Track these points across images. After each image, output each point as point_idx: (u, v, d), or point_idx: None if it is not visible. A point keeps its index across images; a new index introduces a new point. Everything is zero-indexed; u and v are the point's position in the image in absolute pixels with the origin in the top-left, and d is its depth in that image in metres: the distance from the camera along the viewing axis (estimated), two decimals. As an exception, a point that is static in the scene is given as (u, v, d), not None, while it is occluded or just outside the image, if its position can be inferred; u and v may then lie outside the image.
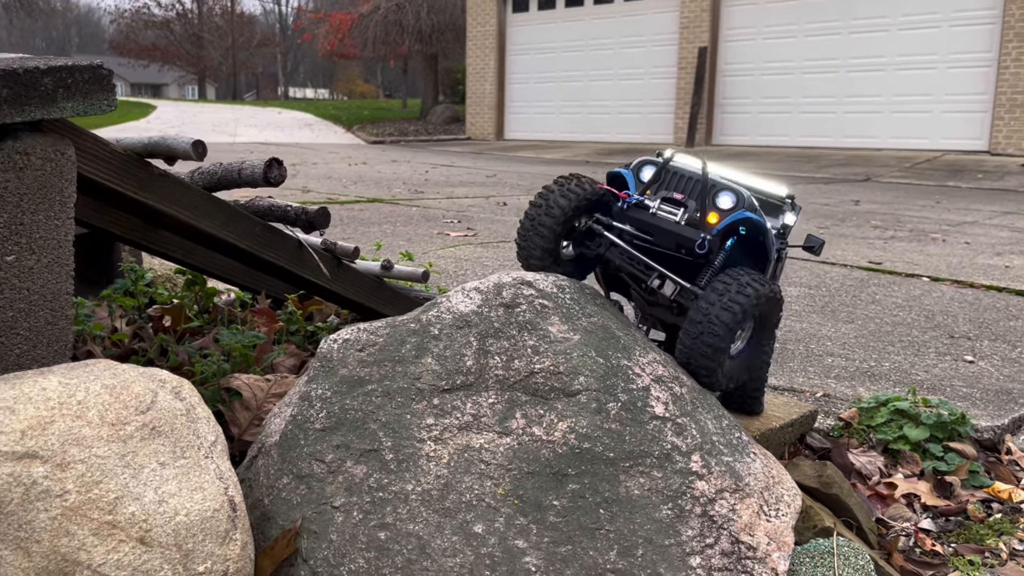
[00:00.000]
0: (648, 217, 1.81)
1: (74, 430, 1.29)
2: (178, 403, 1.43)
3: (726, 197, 1.80)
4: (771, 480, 1.67)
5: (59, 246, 1.63)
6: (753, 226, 1.80)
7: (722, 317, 1.68)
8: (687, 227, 1.78)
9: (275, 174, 1.93)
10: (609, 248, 1.87)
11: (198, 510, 1.32)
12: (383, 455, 1.57)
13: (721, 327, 1.69)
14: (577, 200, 1.84)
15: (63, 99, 1.57)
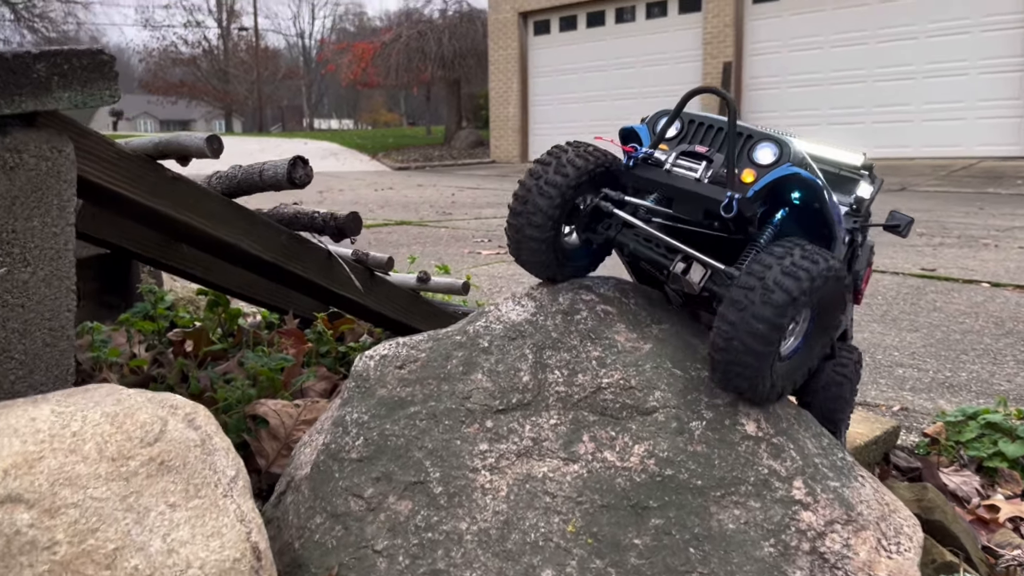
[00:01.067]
0: (661, 176, 1.41)
1: (67, 467, 1.08)
2: (192, 433, 1.21)
3: (766, 149, 1.41)
4: (886, 508, 1.42)
5: (58, 257, 1.44)
6: (806, 188, 1.41)
7: (764, 311, 1.27)
8: (710, 185, 1.38)
9: (300, 174, 1.72)
10: (621, 230, 1.50)
11: (215, 560, 1.10)
12: (431, 488, 1.35)
13: (764, 323, 1.28)
14: (577, 175, 1.45)
15: (59, 88, 1.38)
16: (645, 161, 1.42)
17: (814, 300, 1.35)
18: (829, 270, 1.31)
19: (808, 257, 1.31)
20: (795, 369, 1.44)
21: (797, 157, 1.40)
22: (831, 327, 1.46)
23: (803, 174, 1.37)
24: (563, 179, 1.44)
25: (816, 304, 1.38)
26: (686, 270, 1.43)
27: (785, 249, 1.32)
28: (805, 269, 1.29)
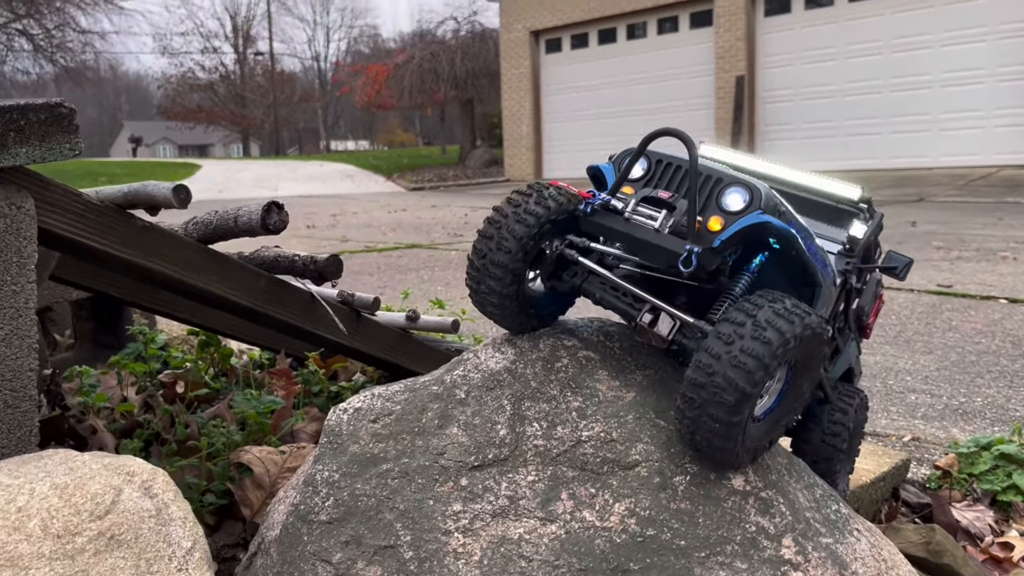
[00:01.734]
0: (619, 224, 1.32)
1: (9, 547, 1.03)
2: (147, 502, 1.17)
3: (735, 195, 1.31)
4: (883, 566, 1.34)
5: (18, 315, 1.40)
6: (779, 237, 1.33)
7: (737, 372, 1.18)
8: (669, 237, 1.29)
9: (274, 220, 1.68)
10: (588, 278, 1.42)
11: (164, 642, 1.05)
12: (401, 552, 1.29)
13: (733, 391, 1.18)
14: (538, 222, 1.36)
15: (15, 144, 1.34)
16: (604, 207, 1.34)
17: (790, 359, 1.26)
18: (806, 328, 1.21)
19: (783, 315, 1.20)
20: (770, 430, 1.35)
21: (769, 203, 1.31)
22: (809, 384, 1.36)
23: (774, 223, 1.29)
24: (524, 229, 1.36)
25: (793, 362, 1.29)
26: (653, 321, 1.34)
27: (756, 306, 1.22)
28: (778, 330, 1.18)
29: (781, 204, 1.34)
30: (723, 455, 1.27)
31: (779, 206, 1.33)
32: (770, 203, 1.31)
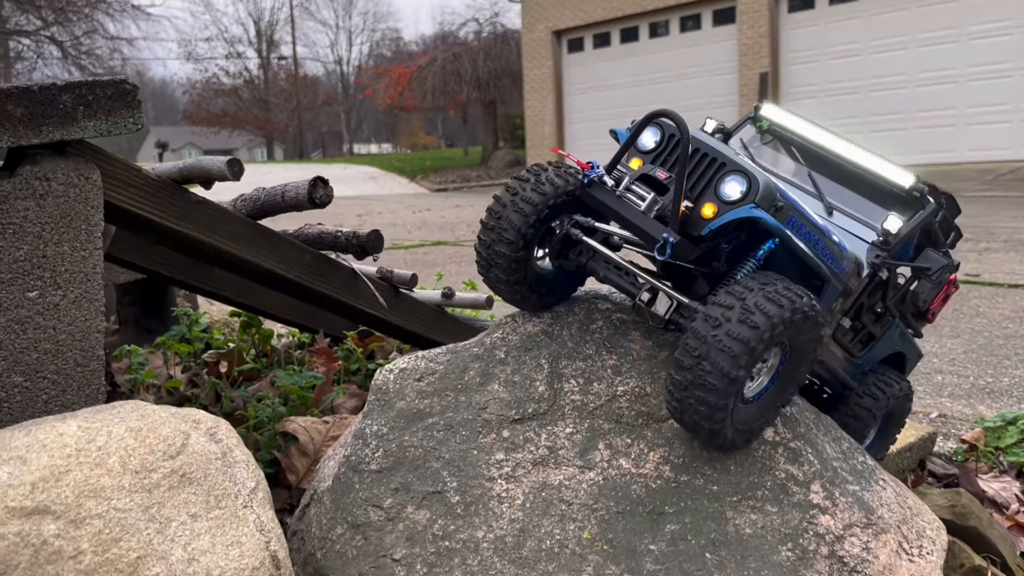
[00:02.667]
0: (611, 200, 1.31)
1: (92, 480, 1.12)
2: (213, 446, 1.25)
3: (733, 183, 1.29)
4: (908, 512, 1.40)
5: (87, 280, 1.49)
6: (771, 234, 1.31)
7: (723, 355, 1.18)
8: (651, 221, 1.28)
9: (320, 194, 1.77)
10: (593, 256, 1.41)
11: (235, 568, 1.13)
12: (448, 497, 1.37)
13: (718, 374, 1.18)
14: (536, 210, 1.37)
15: (84, 118, 1.44)
16: (598, 183, 1.33)
17: (782, 341, 1.27)
18: (796, 312, 1.22)
19: (772, 299, 1.21)
20: (763, 412, 1.34)
21: (766, 196, 1.28)
22: (806, 366, 1.36)
23: (764, 219, 1.27)
24: (521, 218, 1.38)
25: (787, 345, 1.30)
26: (651, 301, 1.36)
27: (747, 289, 1.23)
28: (766, 313, 1.19)
29: (780, 199, 1.30)
30: (711, 436, 1.28)
31: (777, 201, 1.29)
32: (767, 196, 1.28)
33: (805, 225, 1.35)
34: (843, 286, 1.45)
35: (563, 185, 1.39)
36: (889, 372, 1.74)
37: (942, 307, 1.73)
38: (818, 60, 16.63)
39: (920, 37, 15.34)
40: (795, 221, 1.33)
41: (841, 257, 1.42)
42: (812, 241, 1.36)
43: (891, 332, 1.69)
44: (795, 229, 1.34)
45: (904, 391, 1.75)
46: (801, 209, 1.36)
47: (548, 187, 1.39)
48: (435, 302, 2.36)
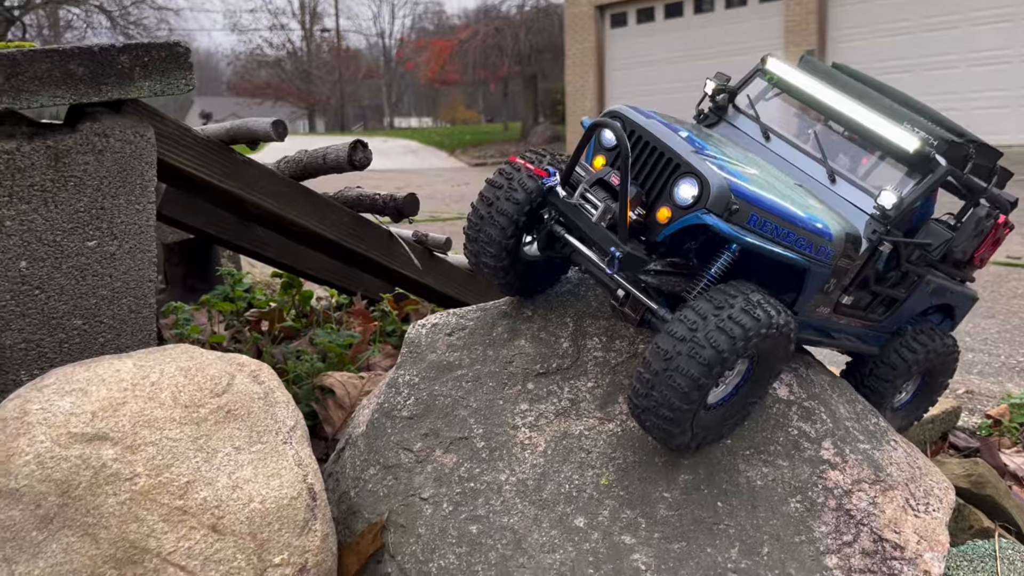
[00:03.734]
0: (568, 208, 1.33)
1: (146, 412, 1.22)
2: (256, 386, 1.34)
3: (687, 186, 1.25)
4: (917, 471, 1.45)
5: (141, 232, 1.59)
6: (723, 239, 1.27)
7: (693, 362, 1.18)
8: (602, 232, 1.27)
9: (359, 156, 1.84)
10: (576, 249, 1.38)
11: (274, 497, 1.22)
12: (474, 443, 1.45)
13: (687, 379, 1.19)
14: (511, 221, 1.40)
15: (140, 78, 1.52)
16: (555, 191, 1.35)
17: (751, 353, 1.26)
18: (771, 327, 1.22)
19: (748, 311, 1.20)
20: (723, 420, 1.35)
21: (719, 199, 1.23)
22: (770, 379, 1.36)
23: (715, 226, 1.23)
24: (514, 207, 1.40)
25: (755, 356, 1.29)
26: (624, 300, 1.33)
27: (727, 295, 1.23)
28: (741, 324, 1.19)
29: (736, 200, 1.25)
30: (669, 438, 1.29)
31: (731, 203, 1.24)
32: (720, 200, 1.23)
33: (770, 221, 1.28)
34: (832, 268, 1.38)
35: (535, 188, 1.40)
36: (931, 327, 1.69)
37: (993, 251, 1.67)
38: (867, 38, 16.31)
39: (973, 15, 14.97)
40: (756, 220, 1.27)
41: (822, 244, 1.34)
42: (781, 235, 1.30)
43: (921, 290, 1.63)
44: (757, 228, 1.27)
45: (948, 347, 1.70)
46: (765, 204, 1.28)
47: (520, 194, 1.39)
48: (468, 266, 2.44)
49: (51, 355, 1.50)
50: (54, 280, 1.49)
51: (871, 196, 1.45)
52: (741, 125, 1.62)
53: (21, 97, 1.40)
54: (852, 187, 1.49)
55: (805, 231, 1.33)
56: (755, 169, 1.41)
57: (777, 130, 1.59)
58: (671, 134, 1.33)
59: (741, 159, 1.44)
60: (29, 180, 1.44)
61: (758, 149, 1.57)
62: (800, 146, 1.56)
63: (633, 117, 1.37)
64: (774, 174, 1.46)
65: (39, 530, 1.11)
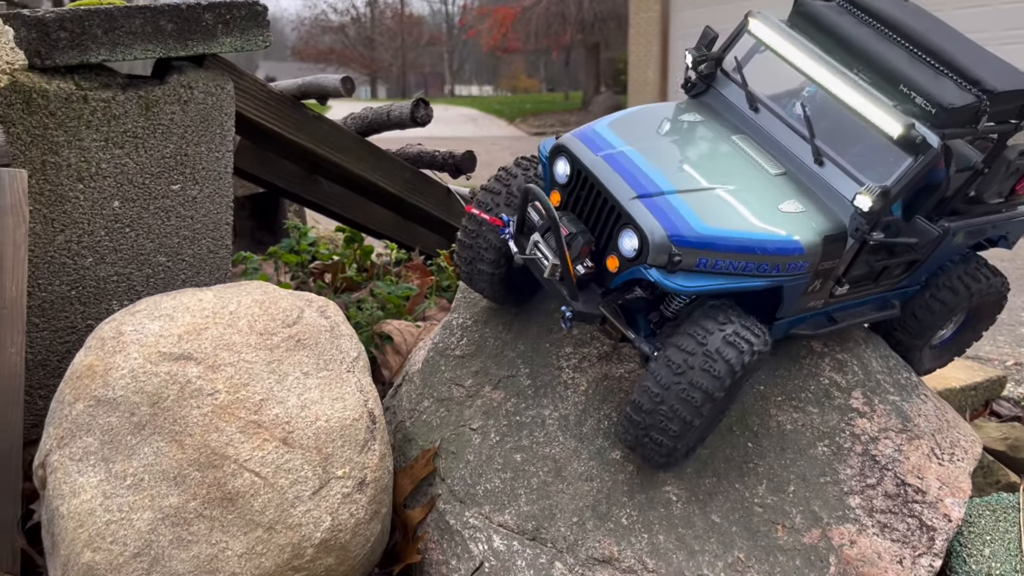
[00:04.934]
0: (524, 259, 1.34)
1: (225, 337, 1.35)
2: (323, 320, 1.46)
3: (628, 239, 1.22)
4: (945, 424, 1.51)
5: (219, 177, 1.72)
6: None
7: (684, 404, 1.20)
8: (556, 285, 1.28)
9: (421, 113, 1.95)
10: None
11: (338, 418, 1.34)
12: (520, 381, 1.55)
13: (678, 421, 1.22)
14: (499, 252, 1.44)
15: (223, 34, 1.64)
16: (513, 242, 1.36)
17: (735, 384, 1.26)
18: (754, 355, 1.22)
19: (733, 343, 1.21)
20: (701, 434, 1.37)
21: (661, 252, 1.20)
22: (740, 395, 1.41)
23: (658, 281, 1.20)
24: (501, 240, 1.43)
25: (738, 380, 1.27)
26: (603, 321, 1.33)
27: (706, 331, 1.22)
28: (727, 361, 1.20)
29: (677, 252, 1.20)
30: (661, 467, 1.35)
31: (674, 255, 1.20)
32: (661, 253, 1.20)
33: (723, 259, 1.24)
34: (812, 274, 1.32)
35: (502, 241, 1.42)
36: (977, 265, 1.59)
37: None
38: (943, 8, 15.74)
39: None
40: (706, 262, 1.23)
41: (791, 261, 1.27)
42: (738, 268, 1.25)
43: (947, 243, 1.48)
44: (709, 269, 1.23)
45: (996, 287, 1.60)
46: (716, 244, 1.23)
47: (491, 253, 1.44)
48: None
49: (139, 288, 1.65)
50: (143, 220, 1.64)
51: (859, 183, 1.32)
52: (729, 93, 1.49)
53: (117, 50, 1.54)
54: (840, 172, 1.35)
55: (767, 256, 1.25)
56: (719, 180, 1.32)
57: (765, 100, 1.45)
58: (614, 175, 1.28)
59: (704, 170, 1.34)
60: (123, 127, 1.57)
61: (742, 126, 1.44)
62: (788, 120, 1.42)
63: (578, 154, 1.32)
64: (745, 177, 1.35)
65: (133, 435, 1.25)
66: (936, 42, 1.40)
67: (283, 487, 1.26)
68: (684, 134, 1.43)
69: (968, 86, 1.33)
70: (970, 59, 1.38)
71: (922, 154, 1.28)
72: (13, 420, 1.38)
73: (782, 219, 1.28)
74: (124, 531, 1.20)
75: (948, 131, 1.30)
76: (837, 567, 1.32)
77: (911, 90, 1.34)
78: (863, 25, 1.45)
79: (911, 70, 1.36)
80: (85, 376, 1.30)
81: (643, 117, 1.45)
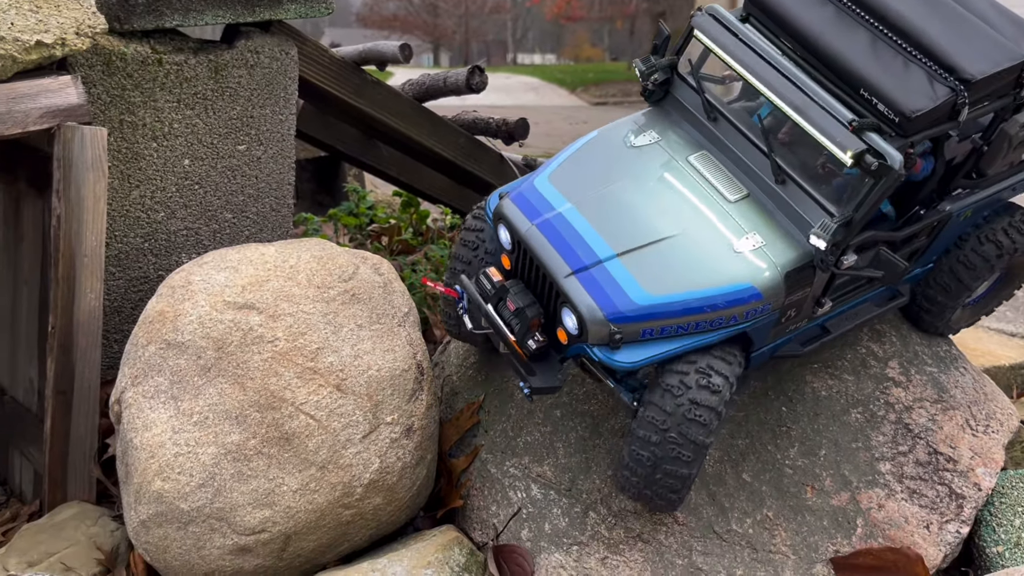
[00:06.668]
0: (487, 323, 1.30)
1: (285, 289, 1.43)
2: (377, 277, 1.54)
3: (568, 318, 1.21)
4: (982, 396, 1.52)
5: (283, 139, 1.80)
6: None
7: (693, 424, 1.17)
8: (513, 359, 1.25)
9: (476, 80, 2.00)
10: None
11: (389, 368, 1.42)
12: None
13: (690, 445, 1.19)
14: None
15: (288, 1, 1.72)
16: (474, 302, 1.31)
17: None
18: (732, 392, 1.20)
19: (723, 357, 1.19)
20: None
21: (600, 333, 1.18)
22: None
23: (603, 360, 1.19)
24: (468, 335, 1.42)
25: None
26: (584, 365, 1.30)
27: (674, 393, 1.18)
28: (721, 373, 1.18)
29: (618, 329, 1.17)
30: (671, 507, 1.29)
31: (614, 333, 1.17)
32: (600, 334, 1.18)
33: (669, 325, 1.19)
34: (779, 310, 1.24)
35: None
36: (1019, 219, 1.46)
37: None
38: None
39: None
40: (651, 332, 1.19)
41: (749, 308, 1.20)
42: (689, 328, 1.20)
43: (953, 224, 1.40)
44: (656, 336, 1.20)
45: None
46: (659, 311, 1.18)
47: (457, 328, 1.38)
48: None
49: (206, 242, 1.75)
50: (210, 178, 1.73)
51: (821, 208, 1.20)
52: (689, 100, 1.37)
53: (189, 16, 1.62)
54: (801, 193, 1.23)
55: (718, 311, 1.19)
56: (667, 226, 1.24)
57: (723, 109, 1.33)
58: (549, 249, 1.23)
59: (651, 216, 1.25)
60: (194, 89, 1.66)
61: (702, 139, 1.34)
62: (747, 133, 1.29)
63: (515, 223, 1.27)
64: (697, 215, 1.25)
65: (199, 376, 1.35)
66: (909, 19, 1.23)
67: (336, 430, 1.35)
68: (634, 168, 1.32)
69: (943, 74, 1.18)
70: (950, 36, 1.21)
71: (883, 176, 1.14)
72: (93, 360, 1.49)
73: (736, 263, 1.20)
74: (190, 463, 1.31)
75: (917, 137, 1.17)
76: (864, 528, 1.36)
77: (872, 95, 1.19)
78: (823, 5, 1.29)
79: (873, 66, 1.20)
80: (156, 321, 1.40)
81: (591, 154, 1.36)
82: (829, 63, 1.23)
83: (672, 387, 1.18)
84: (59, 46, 1.42)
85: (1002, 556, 1.39)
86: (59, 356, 1.45)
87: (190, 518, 1.30)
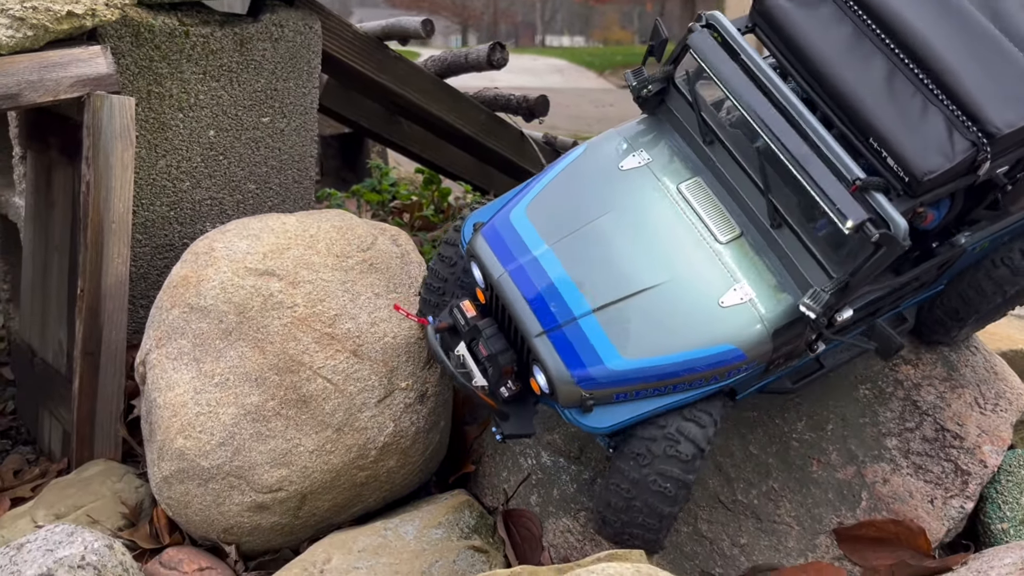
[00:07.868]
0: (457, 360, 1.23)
1: (305, 257, 1.47)
2: (394, 248, 1.57)
3: (539, 375, 1.15)
4: (992, 376, 1.53)
5: (306, 112, 1.84)
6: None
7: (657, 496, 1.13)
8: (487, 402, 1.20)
9: (497, 56, 2.02)
10: None
11: (404, 336, 1.46)
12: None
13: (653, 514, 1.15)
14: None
15: (312, -24, 1.75)
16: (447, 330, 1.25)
17: None
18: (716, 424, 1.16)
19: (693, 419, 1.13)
20: None
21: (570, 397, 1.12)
22: None
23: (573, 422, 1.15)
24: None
25: None
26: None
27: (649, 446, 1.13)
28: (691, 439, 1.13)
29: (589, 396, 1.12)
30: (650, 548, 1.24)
31: (585, 398, 1.12)
32: (571, 399, 1.12)
33: (645, 389, 1.13)
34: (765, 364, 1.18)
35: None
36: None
37: None
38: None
39: None
40: (625, 396, 1.14)
41: (731, 369, 1.14)
42: (666, 391, 1.14)
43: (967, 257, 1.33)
44: (631, 399, 1.14)
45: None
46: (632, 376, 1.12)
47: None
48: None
49: (230, 211, 1.79)
50: (235, 149, 1.77)
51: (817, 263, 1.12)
52: (683, 112, 1.27)
53: (216, -11, 1.66)
54: (798, 244, 1.14)
55: (697, 374, 1.13)
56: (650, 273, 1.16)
57: (720, 132, 1.22)
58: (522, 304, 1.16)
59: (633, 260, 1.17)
60: (219, 61, 1.70)
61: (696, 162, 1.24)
62: (742, 164, 1.19)
63: (488, 267, 1.20)
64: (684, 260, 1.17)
65: (221, 339, 1.39)
66: (935, 49, 1.10)
67: (352, 394, 1.39)
68: (619, 199, 1.22)
69: (966, 123, 1.07)
70: (979, 74, 1.08)
71: (884, 246, 1.04)
72: (120, 323, 1.54)
73: (721, 322, 1.13)
74: (211, 423, 1.35)
75: (927, 198, 1.07)
76: (868, 502, 1.38)
77: (881, 147, 1.08)
78: (840, 23, 1.16)
79: (887, 111, 1.09)
80: (180, 286, 1.44)
81: (574, 179, 1.26)
82: (838, 100, 1.12)
83: (638, 455, 1.12)
84: (89, 16, 1.46)
85: (1007, 533, 1.41)
86: (87, 319, 1.50)
87: (210, 475, 1.35)
